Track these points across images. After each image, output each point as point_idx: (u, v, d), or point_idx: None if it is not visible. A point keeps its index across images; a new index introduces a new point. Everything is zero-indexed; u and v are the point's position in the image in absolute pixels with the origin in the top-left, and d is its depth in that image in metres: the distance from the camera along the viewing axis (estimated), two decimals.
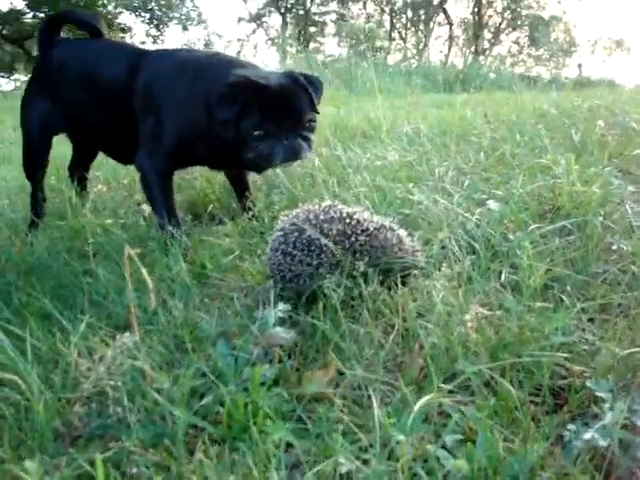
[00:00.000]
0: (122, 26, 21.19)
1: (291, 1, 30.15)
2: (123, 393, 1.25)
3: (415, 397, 1.15)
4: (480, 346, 1.30)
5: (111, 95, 2.33)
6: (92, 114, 2.44)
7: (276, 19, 31.40)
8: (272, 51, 33.64)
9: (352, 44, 17.21)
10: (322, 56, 16.77)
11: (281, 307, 1.38)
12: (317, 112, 2.07)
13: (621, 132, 2.92)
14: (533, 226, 1.76)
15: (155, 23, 21.85)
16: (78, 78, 2.44)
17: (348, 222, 1.56)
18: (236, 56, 2.30)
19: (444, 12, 27.16)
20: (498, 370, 1.21)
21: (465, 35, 27.84)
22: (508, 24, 27.26)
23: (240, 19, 31.91)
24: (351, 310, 1.48)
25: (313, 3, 30.69)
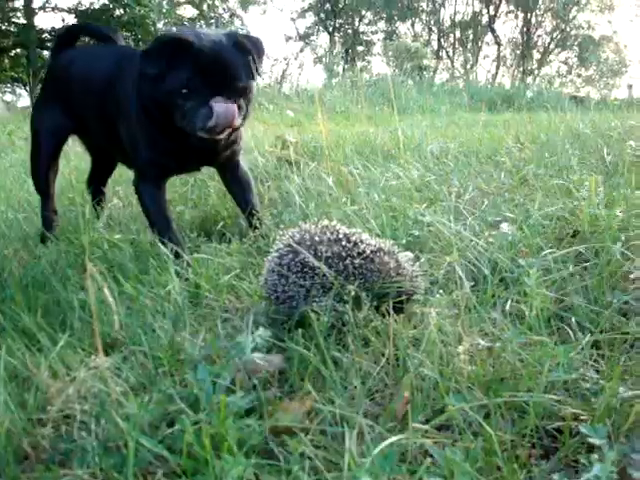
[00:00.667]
0: None
1: (339, 20, 30.33)
2: (91, 417, 1.20)
3: (395, 434, 1.06)
4: (474, 380, 1.20)
5: (101, 99, 2.30)
6: (93, 119, 2.42)
7: (324, 38, 31.61)
8: (318, 69, 33.84)
9: (398, 63, 17.16)
10: (368, 75, 16.76)
11: (260, 332, 1.30)
12: (253, 79, 1.95)
13: None
14: (547, 251, 1.65)
15: None
16: (79, 82, 2.43)
17: (344, 244, 1.48)
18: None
19: (492, 32, 26.94)
20: (488, 408, 1.12)
21: (513, 55, 27.55)
22: (557, 44, 26.88)
23: (288, 38, 32.24)
24: (341, 336, 1.40)
25: (361, 23, 30.83)
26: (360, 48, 31.22)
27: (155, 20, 18.68)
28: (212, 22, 22.40)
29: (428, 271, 1.69)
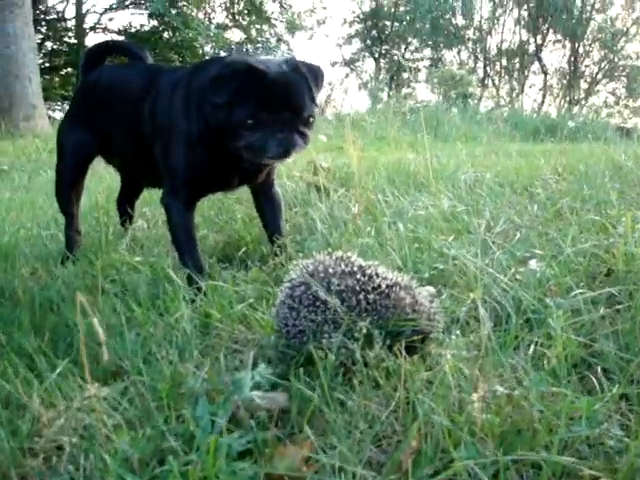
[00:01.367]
0: None
1: (385, 47, 30.42)
2: (80, 450, 1.14)
3: None
4: (487, 431, 1.11)
5: (129, 118, 2.28)
6: (121, 136, 2.39)
7: (369, 64, 31.69)
8: (362, 95, 33.88)
9: (442, 90, 17.08)
10: (413, 101, 16.71)
11: (261, 369, 1.23)
12: (317, 105, 1.93)
13: None
14: (577, 291, 1.55)
15: None
16: (108, 100, 2.41)
17: (359, 277, 1.41)
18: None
19: (539, 61, 26.66)
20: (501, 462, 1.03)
21: (560, 84, 27.23)
22: (605, 74, 26.46)
23: (334, 63, 32.40)
24: (350, 375, 1.32)
25: (407, 49, 30.86)
26: (406, 75, 31.20)
27: (203, 43, 18.98)
28: (259, 46, 22.65)
29: (449, 308, 1.60)
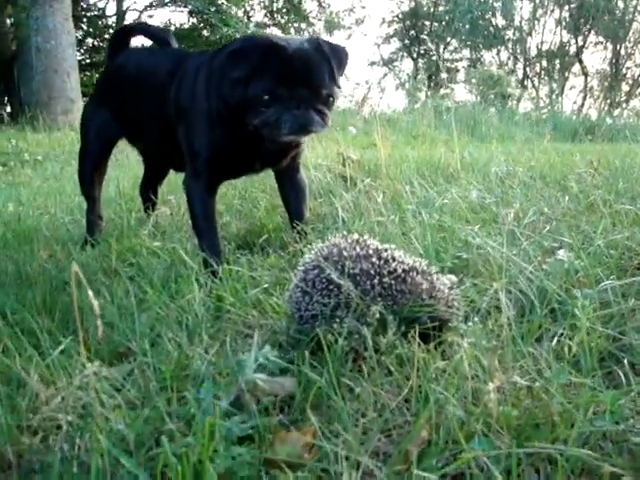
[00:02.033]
0: None
1: (424, 47, 30.22)
2: (76, 430, 1.10)
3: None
4: (503, 423, 1.04)
5: (155, 102, 2.26)
6: (146, 119, 2.37)
7: (407, 64, 31.51)
8: (399, 95, 33.68)
9: (481, 91, 16.88)
10: (451, 102, 16.57)
11: (266, 350, 1.18)
12: (338, 86, 1.87)
13: None
14: (606, 282, 1.46)
15: None
16: (132, 83, 2.40)
17: (374, 261, 1.34)
18: None
19: (580, 62, 26.17)
20: (518, 456, 0.96)
21: (601, 87, 26.68)
22: None
23: (372, 63, 32.27)
24: (361, 361, 1.26)
25: (446, 50, 30.62)
26: (444, 75, 30.95)
27: None
28: None
29: (470, 297, 1.52)
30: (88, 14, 18.78)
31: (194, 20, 19.36)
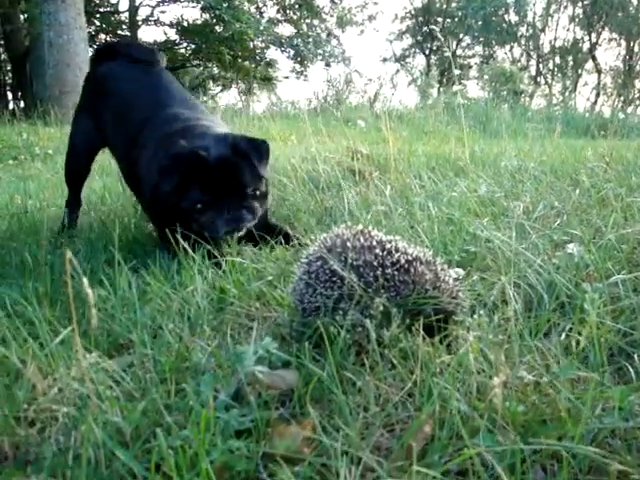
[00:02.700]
0: (268, 60, 21.86)
1: (436, 43, 30.08)
2: (72, 421, 1.08)
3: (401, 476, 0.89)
4: (509, 419, 1.01)
5: (126, 135, 2.30)
6: (117, 144, 2.44)
7: (420, 60, 31.41)
8: (411, 91, 33.57)
9: (493, 87, 16.78)
10: (463, 98, 16.47)
11: (266, 342, 1.15)
12: (261, 179, 1.95)
13: None
14: (616, 276, 1.43)
15: (299, 59, 22.31)
16: (110, 102, 2.43)
17: (377, 252, 1.31)
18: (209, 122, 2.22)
19: (593, 59, 25.98)
20: (523, 453, 0.93)
21: (614, 83, 26.45)
22: None
23: (385, 59, 32.17)
24: (364, 355, 1.23)
25: (459, 46, 30.48)
26: (457, 72, 30.82)
27: (253, 37, 18.97)
28: (309, 41, 22.58)
29: (477, 291, 1.49)
30: (101, 10, 18.81)
31: (206, 16, 19.33)
